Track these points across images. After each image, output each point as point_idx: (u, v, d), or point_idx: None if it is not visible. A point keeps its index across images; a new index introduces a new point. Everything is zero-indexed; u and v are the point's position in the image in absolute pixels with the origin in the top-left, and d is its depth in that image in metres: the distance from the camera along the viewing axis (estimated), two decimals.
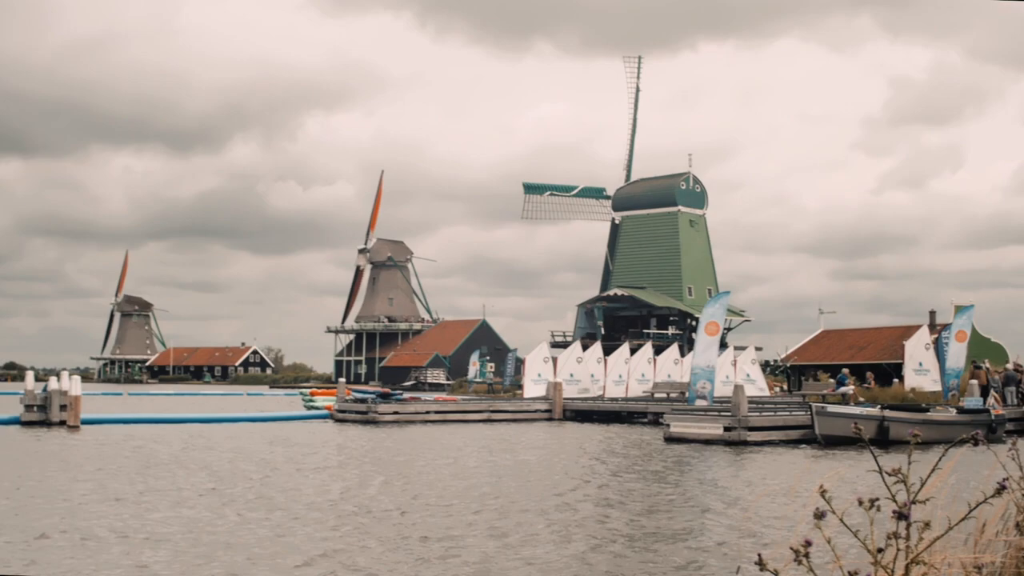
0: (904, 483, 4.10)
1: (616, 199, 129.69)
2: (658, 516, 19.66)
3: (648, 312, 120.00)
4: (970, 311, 58.94)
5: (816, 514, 3.96)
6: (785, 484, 23.96)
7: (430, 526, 18.00)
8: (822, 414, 35.69)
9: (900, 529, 4.02)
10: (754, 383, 62.24)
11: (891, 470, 4.10)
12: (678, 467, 29.80)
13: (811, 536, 4.03)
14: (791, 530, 4.10)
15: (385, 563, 14.62)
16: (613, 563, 14.77)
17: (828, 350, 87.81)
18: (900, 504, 4.00)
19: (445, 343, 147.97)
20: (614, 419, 54.94)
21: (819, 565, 4.24)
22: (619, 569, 14.35)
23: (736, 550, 15.13)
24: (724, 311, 56.82)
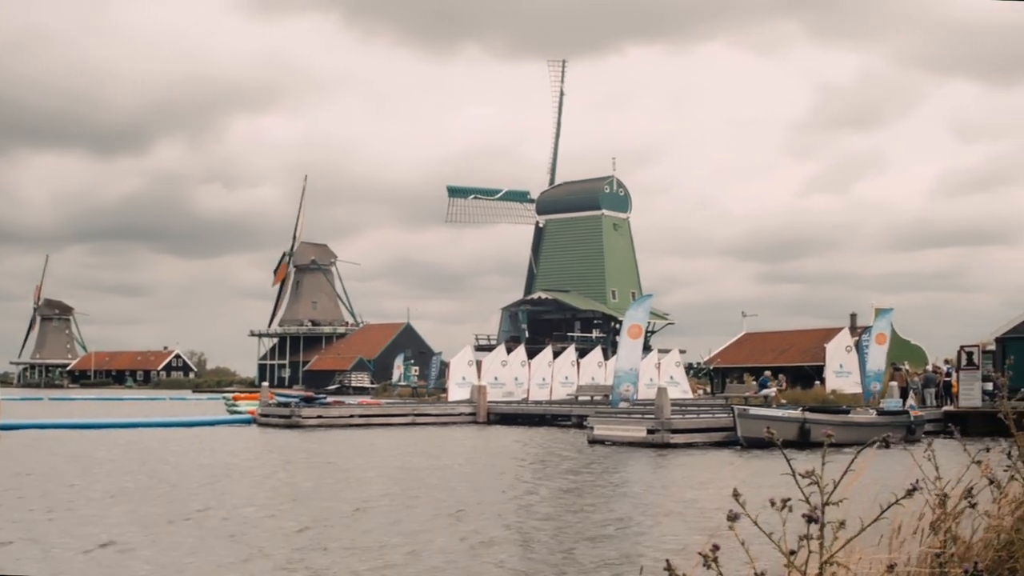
0: (817, 485, 4.14)
1: (540, 203, 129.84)
2: (574, 518, 19.71)
3: (572, 315, 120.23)
4: (889, 314, 59.58)
5: (729, 516, 3.99)
6: (704, 486, 24.11)
7: (352, 532, 17.95)
8: (744, 416, 35.92)
9: (812, 531, 4.07)
10: (677, 385, 62.53)
11: (804, 472, 4.15)
12: (600, 469, 29.88)
13: (724, 539, 4.06)
14: (705, 533, 4.13)
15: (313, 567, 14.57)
16: (526, 564, 14.81)
17: (751, 352, 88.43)
18: (811, 506, 4.05)
19: (369, 346, 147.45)
20: (538, 422, 54.98)
21: (734, 567, 4.29)
22: (530, 570, 14.40)
23: (648, 552, 15.22)
24: (647, 314, 57.07)
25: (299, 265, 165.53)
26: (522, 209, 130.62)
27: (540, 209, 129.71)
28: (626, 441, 38.36)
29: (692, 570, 4.04)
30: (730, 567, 4.29)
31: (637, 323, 52.46)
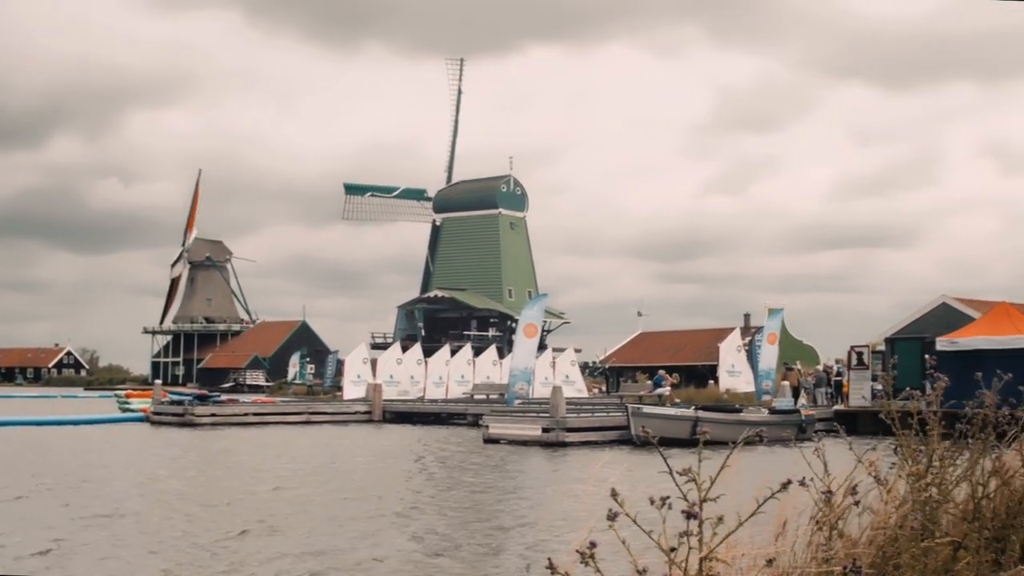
0: (695, 482, 4.15)
1: (437, 201, 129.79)
2: (465, 516, 19.75)
3: (468, 314, 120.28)
4: (780, 314, 60.33)
5: (608, 515, 3.99)
6: (595, 485, 24.18)
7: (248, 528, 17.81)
8: (638, 415, 36.10)
9: (691, 527, 4.07)
10: (573, 384, 62.73)
11: (682, 470, 4.15)
12: (494, 468, 29.91)
13: (607, 536, 4.06)
14: (591, 531, 4.12)
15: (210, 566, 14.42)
16: (415, 562, 14.79)
17: (646, 352, 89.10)
18: (689, 504, 4.06)
19: (264, 344, 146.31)
20: (434, 421, 54.87)
21: (623, 565, 4.28)
22: (419, 568, 14.38)
23: (537, 550, 15.24)
24: (542, 313, 57.28)
25: (193, 262, 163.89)
26: (419, 207, 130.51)
27: (437, 207, 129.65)
28: (521, 440, 38.37)
29: (572, 567, 4.02)
30: (616, 564, 4.29)
31: (532, 322, 52.62)
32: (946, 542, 7.17)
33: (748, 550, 4.75)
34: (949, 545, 7.20)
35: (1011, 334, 41.78)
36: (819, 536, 6.07)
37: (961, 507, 8.09)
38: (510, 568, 14.25)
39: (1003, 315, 44.75)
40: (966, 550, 7.34)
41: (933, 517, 7.27)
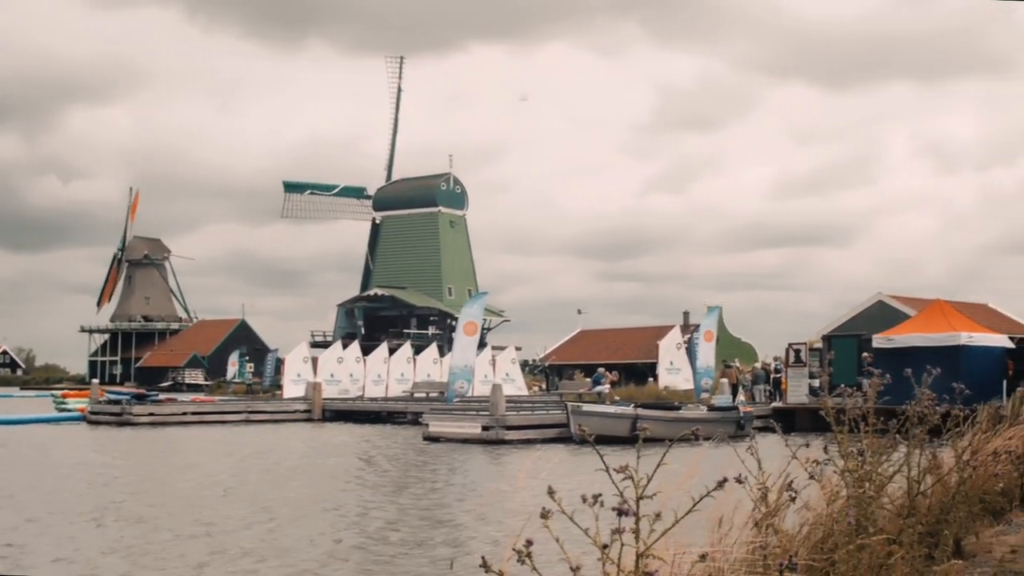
0: (632, 479, 4.17)
1: (377, 199, 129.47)
2: (402, 514, 19.74)
3: (408, 312, 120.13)
4: (717, 312, 60.66)
5: (543, 513, 4.00)
6: (533, 483, 24.21)
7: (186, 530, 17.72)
8: (577, 413, 36.15)
9: (625, 524, 4.09)
10: (513, 382, 62.74)
11: (618, 467, 4.17)
12: (433, 466, 29.91)
13: (543, 534, 4.06)
14: (527, 528, 4.13)
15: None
16: (351, 559, 14.80)
17: (586, 350, 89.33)
18: (623, 500, 4.07)
19: (203, 343, 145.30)
20: (374, 419, 54.72)
21: (551, 562, 4.29)
22: (354, 566, 14.38)
23: (469, 548, 15.27)
24: (482, 311, 57.25)
25: (131, 260, 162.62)
26: (359, 205, 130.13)
27: (377, 205, 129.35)
28: (461, 438, 38.35)
29: (506, 565, 4.03)
30: (553, 561, 4.30)
31: (472, 320, 52.60)
32: (880, 538, 7.24)
33: (682, 547, 4.77)
34: (884, 541, 7.26)
35: (946, 331, 42.19)
36: (755, 532, 6.11)
37: (897, 503, 8.18)
38: (439, 564, 14.26)
39: (938, 313, 45.17)
40: (900, 545, 7.41)
41: (868, 513, 7.33)
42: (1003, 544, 9.79)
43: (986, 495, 11.06)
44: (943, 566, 8.33)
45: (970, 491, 10.19)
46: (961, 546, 9.12)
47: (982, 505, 10.81)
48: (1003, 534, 10.47)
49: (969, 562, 8.81)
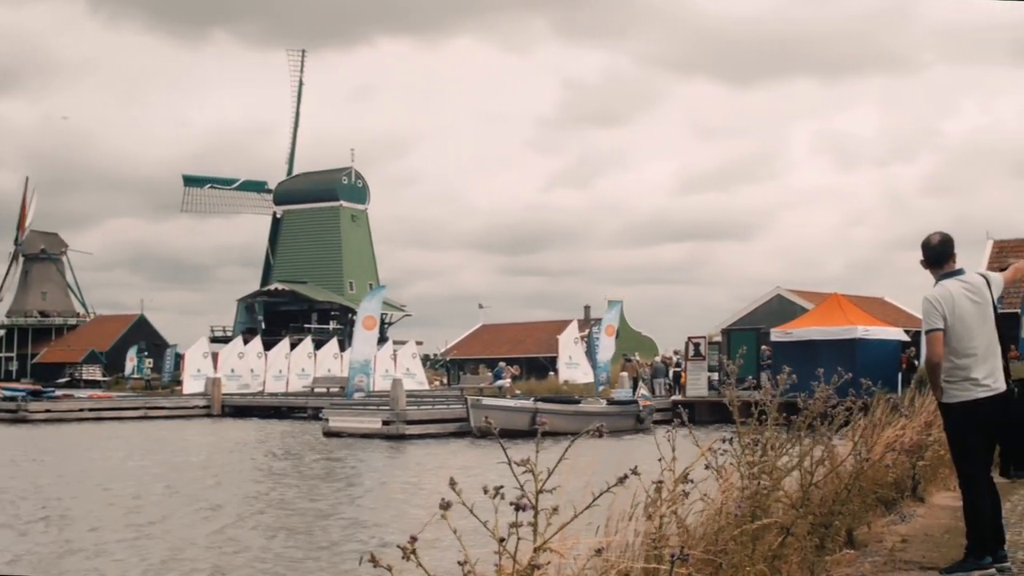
0: (532, 473, 4.22)
1: (277, 193, 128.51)
2: (301, 511, 19.72)
3: (309, 307, 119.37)
4: (618, 306, 61.06)
5: (441, 505, 4.03)
6: (432, 477, 24.30)
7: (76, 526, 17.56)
8: (477, 407, 36.22)
9: (521, 518, 4.14)
10: (413, 377, 62.69)
11: (519, 461, 4.22)
12: (332, 462, 29.84)
13: (441, 527, 4.10)
14: (423, 522, 4.17)
15: None
16: (244, 557, 14.76)
17: (487, 344, 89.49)
18: (522, 494, 4.12)
19: (101, 338, 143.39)
20: (274, 414, 54.47)
21: (452, 555, 4.33)
22: (248, 564, 14.35)
23: (368, 542, 15.31)
24: (380, 305, 57.16)
25: (28, 254, 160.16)
26: (260, 199, 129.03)
27: (277, 199, 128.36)
28: (361, 433, 38.26)
29: (399, 561, 4.06)
30: (452, 556, 4.34)
31: (371, 314, 52.51)
32: (774, 528, 7.36)
33: (580, 540, 4.83)
34: (777, 531, 7.39)
35: (842, 324, 42.79)
36: (652, 525, 6.18)
37: (793, 495, 8.32)
38: (341, 561, 14.26)
39: (835, 306, 45.79)
40: (794, 536, 7.54)
41: (763, 505, 7.45)
42: (894, 534, 9.99)
43: (879, 486, 11.26)
44: (834, 556, 8.49)
45: (863, 482, 10.38)
46: (853, 536, 9.29)
47: (875, 496, 11.01)
48: (894, 524, 10.69)
49: (860, 552, 8.98)
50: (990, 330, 8.15)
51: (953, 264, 8.34)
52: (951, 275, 8.28)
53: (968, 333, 8.14)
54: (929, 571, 8.20)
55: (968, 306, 8.15)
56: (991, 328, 8.16)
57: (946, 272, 8.31)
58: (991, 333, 8.16)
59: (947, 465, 14.52)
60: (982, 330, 8.15)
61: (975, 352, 8.12)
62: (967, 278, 8.25)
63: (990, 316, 8.18)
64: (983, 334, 8.14)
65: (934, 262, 8.37)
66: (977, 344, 8.14)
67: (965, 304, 8.14)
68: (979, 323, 8.14)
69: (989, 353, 8.14)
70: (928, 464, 13.47)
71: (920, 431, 14.13)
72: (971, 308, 8.14)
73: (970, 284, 8.22)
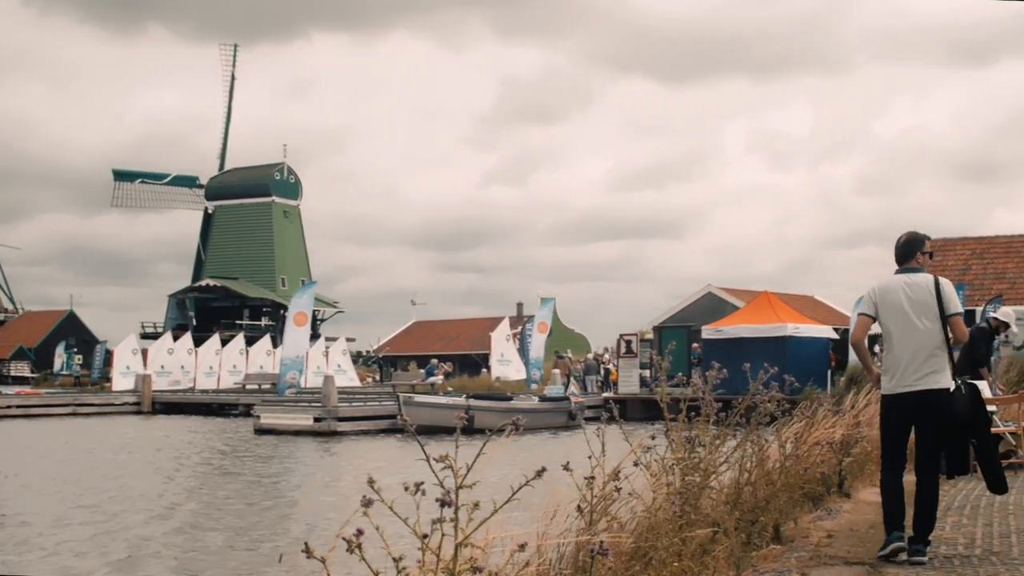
0: (451, 469, 4.18)
1: (209, 188, 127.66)
2: (230, 508, 19.62)
3: (241, 303, 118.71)
4: (550, 304, 61.13)
5: (363, 502, 4.00)
6: (358, 473, 24.25)
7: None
8: (409, 404, 36.17)
9: (445, 514, 4.11)
10: (345, 373, 62.54)
11: (439, 457, 4.18)
12: (263, 459, 29.69)
13: (363, 523, 4.06)
14: (353, 518, 4.12)
15: None
16: (170, 554, 14.68)
17: (420, 341, 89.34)
18: (444, 491, 4.09)
19: (29, 334, 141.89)
20: (205, 411, 54.16)
21: (375, 552, 4.29)
22: (174, 560, 14.26)
23: (296, 539, 15.23)
24: (312, 301, 56.89)
25: None
26: (191, 195, 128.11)
27: (209, 195, 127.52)
28: (293, 430, 38.14)
29: (330, 554, 4.02)
30: (374, 552, 4.30)
31: (302, 311, 52.30)
32: (703, 525, 7.37)
33: (507, 536, 4.80)
34: (708, 528, 7.40)
35: (772, 322, 43.11)
36: (582, 521, 6.18)
37: (724, 492, 8.35)
38: (268, 558, 14.19)
39: (765, 304, 46.14)
40: (724, 533, 7.56)
41: (694, 502, 7.46)
42: (820, 529, 10.05)
43: (806, 482, 11.33)
44: (761, 551, 8.52)
45: (791, 479, 10.44)
46: (780, 532, 9.33)
47: (802, 492, 11.07)
48: (821, 520, 10.75)
49: (787, 547, 9.02)
50: (921, 328, 8.35)
51: (915, 262, 8.62)
52: (903, 271, 8.60)
53: (894, 327, 8.43)
54: (854, 566, 8.24)
55: (899, 300, 8.43)
56: (923, 326, 8.35)
57: (901, 268, 8.64)
58: (921, 331, 8.35)
59: (874, 462, 14.66)
60: (907, 326, 8.37)
61: (900, 346, 8.40)
62: (914, 276, 8.51)
63: (926, 314, 8.36)
64: (909, 331, 8.36)
65: (898, 259, 8.69)
66: (903, 340, 8.39)
67: (897, 298, 8.43)
68: (906, 319, 8.38)
69: (918, 350, 8.32)
70: (855, 460, 13.57)
71: (848, 428, 14.23)
72: (902, 303, 8.41)
73: (913, 282, 8.47)
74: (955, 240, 51.19)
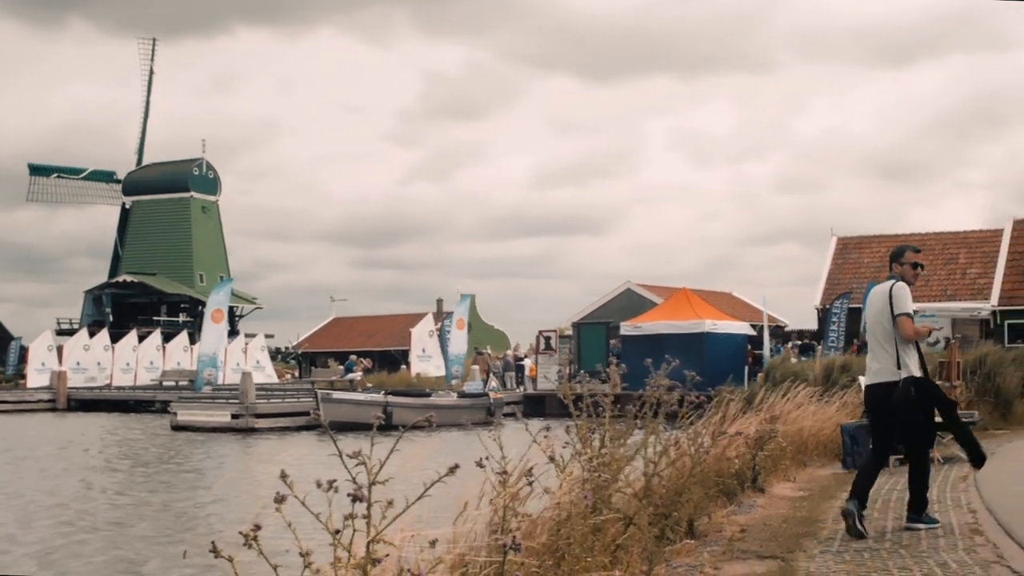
0: (365, 465, 4.21)
1: (127, 183, 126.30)
2: (143, 505, 19.51)
3: (159, 299, 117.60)
4: (468, 300, 61.14)
5: (276, 498, 4.01)
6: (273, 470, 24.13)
7: None
8: (327, 400, 36.06)
9: (358, 510, 4.13)
10: (263, 370, 62.26)
11: (351, 453, 4.21)
12: (176, 456, 29.49)
13: (275, 519, 4.08)
14: (263, 515, 4.14)
15: None
16: (78, 551, 14.59)
17: (339, 337, 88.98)
18: (356, 487, 4.11)
19: None
20: (121, 408, 53.59)
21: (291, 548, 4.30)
22: (79, 558, 14.17)
23: (207, 535, 15.16)
24: (229, 298, 56.63)
25: None
26: (109, 190, 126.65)
27: (127, 190, 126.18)
28: (210, 427, 37.91)
29: (240, 552, 4.03)
30: (279, 548, 4.31)
31: (219, 307, 52.03)
32: (616, 519, 7.43)
33: (415, 532, 4.84)
34: (620, 522, 7.46)
35: (690, 319, 43.38)
36: (496, 517, 6.21)
37: (636, 486, 8.41)
38: (176, 557, 14.12)
39: (683, 300, 46.42)
40: (636, 526, 7.62)
41: (605, 496, 7.52)
42: (734, 523, 10.16)
43: (721, 477, 11.45)
44: (675, 546, 8.61)
45: (705, 474, 10.54)
46: (694, 526, 9.43)
47: (717, 487, 11.18)
48: (734, 514, 10.87)
49: (700, 541, 9.11)
50: (879, 328, 9.65)
51: (891, 271, 9.96)
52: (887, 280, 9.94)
53: (869, 328, 9.91)
54: (766, 560, 8.35)
55: (871, 305, 9.85)
56: (880, 326, 9.63)
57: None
58: (879, 331, 9.65)
59: (788, 457, 14.85)
60: (872, 326, 9.77)
61: (870, 345, 9.90)
62: (884, 284, 9.84)
63: (879, 317, 9.65)
64: (873, 330, 9.75)
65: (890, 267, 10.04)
66: (871, 339, 9.91)
67: (871, 302, 9.86)
68: (871, 321, 9.77)
69: (876, 347, 9.69)
70: (769, 455, 13.70)
71: (763, 424, 14.38)
72: (872, 308, 9.82)
73: (879, 289, 9.87)
74: (871, 238, 51.80)
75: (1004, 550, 8.51)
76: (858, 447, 15.65)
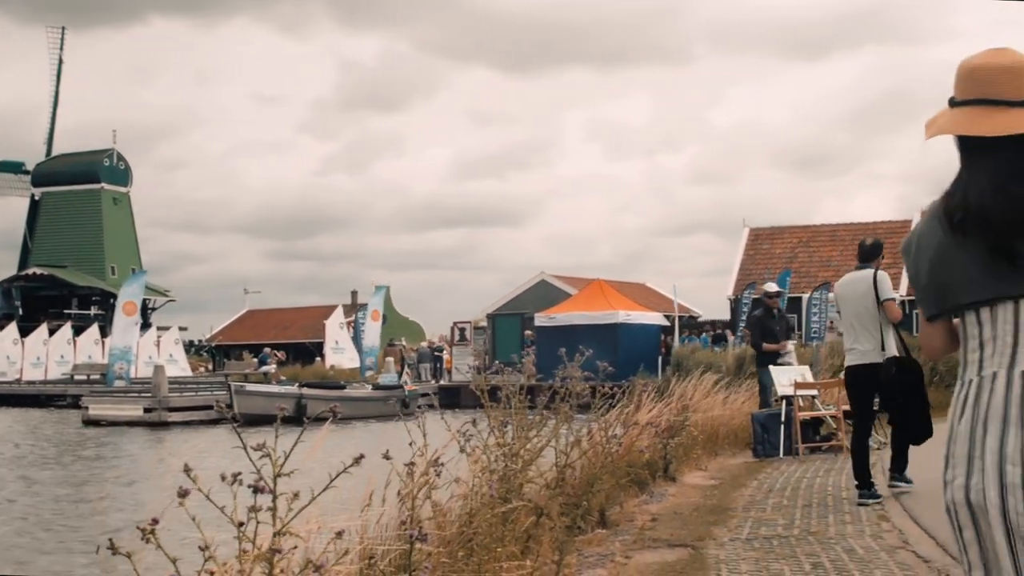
0: (269, 458, 4.18)
1: (36, 174, 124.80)
2: (51, 501, 19.30)
3: (70, 292, 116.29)
4: (383, 291, 61.06)
5: (179, 492, 3.98)
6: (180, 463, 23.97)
7: None
8: (241, 393, 35.86)
9: (260, 502, 4.11)
10: (177, 363, 61.80)
11: (256, 445, 4.18)
12: (87, 451, 29.20)
13: (179, 513, 4.04)
14: (167, 509, 4.10)
15: None
16: None
17: (253, 329, 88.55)
18: (258, 479, 4.09)
19: None
20: (31, 403, 52.94)
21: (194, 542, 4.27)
22: None
23: (111, 531, 15.03)
24: (142, 290, 56.10)
25: None
26: (16, 181, 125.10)
27: (35, 181, 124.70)
28: (122, 420, 37.58)
29: (142, 548, 3.99)
30: (184, 542, 4.28)
31: (131, 300, 51.54)
32: (527, 509, 7.45)
33: (323, 523, 4.82)
34: (531, 512, 7.48)
35: (604, 309, 43.58)
36: (404, 508, 6.21)
37: (547, 476, 8.44)
38: (83, 552, 13.98)
39: (597, 291, 46.61)
40: (547, 516, 7.65)
41: (515, 486, 7.54)
42: (645, 513, 10.23)
43: (632, 467, 11.50)
44: (586, 536, 8.65)
45: (616, 463, 10.60)
46: (605, 516, 9.47)
47: (628, 476, 11.24)
48: (646, 503, 10.94)
49: (612, 531, 9.16)
50: (864, 311, 10.42)
51: (866, 263, 10.79)
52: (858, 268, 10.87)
53: (843, 312, 10.93)
54: (676, 548, 8.41)
55: (845, 292, 10.81)
56: (858, 311, 10.48)
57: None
58: (864, 314, 10.42)
59: (700, 446, 14.96)
60: (848, 311, 10.69)
61: (850, 328, 10.64)
62: (860, 272, 10.73)
63: (862, 302, 10.46)
64: (849, 315, 10.66)
65: (863, 259, 10.89)
66: (845, 322, 10.97)
67: (845, 290, 10.84)
68: (848, 305, 10.69)
69: (860, 330, 10.43)
70: (681, 445, 13.81)
71: (675, 413, 14.49)
72: (847, 294, 10.75)
73: (858, 276, 10.68)
74: (783, 228, 52.39)
75: (909, 535, 8.64)
76: (769, 435, 15.81)
